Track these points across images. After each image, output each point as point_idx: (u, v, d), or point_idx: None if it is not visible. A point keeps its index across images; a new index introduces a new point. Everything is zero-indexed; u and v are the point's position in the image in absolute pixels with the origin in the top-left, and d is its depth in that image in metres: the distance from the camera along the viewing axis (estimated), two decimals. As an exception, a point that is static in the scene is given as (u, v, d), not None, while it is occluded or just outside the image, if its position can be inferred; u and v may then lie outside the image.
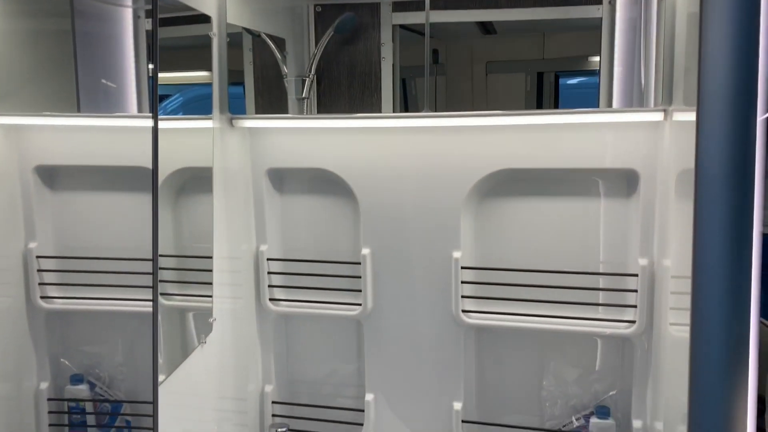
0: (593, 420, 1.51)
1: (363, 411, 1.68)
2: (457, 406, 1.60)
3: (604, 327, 1.49)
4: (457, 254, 1.55)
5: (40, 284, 1.40)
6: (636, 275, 1.44)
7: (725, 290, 0.88)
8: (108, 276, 1.44)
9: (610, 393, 1.52)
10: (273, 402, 1.75)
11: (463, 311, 1.57)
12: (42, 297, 1.41)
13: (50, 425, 1.52)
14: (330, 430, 1.72)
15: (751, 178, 0.87)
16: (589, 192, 1.51)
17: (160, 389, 1.27)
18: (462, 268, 1.56)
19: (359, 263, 1.63)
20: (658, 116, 1.37)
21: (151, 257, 1.27)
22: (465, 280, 1.57)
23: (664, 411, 1.35)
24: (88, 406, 1.58)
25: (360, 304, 1.64)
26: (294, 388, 1.78)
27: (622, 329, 1.47)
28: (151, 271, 1.28)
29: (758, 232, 0.88)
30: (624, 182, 1.48)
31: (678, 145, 1.24)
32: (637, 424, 1.46)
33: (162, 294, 1.32)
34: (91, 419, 1.58)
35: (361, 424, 1.68)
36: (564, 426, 1.54)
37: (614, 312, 1.49)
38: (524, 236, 1.56)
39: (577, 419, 1.53)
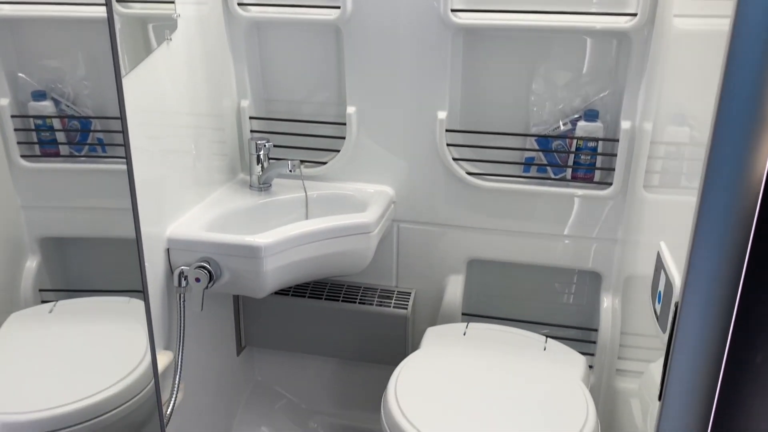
0: (580, 123, 1.49)
1: (344, 124, 1.63)
2: (442, 115, 1.56)
3: (602, 22, 1.40)
4: (447, -57, 1.39)
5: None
6: (645, -39, 1.31)
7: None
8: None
9: (601, 95, 1.48)
10: (250, 117, 1.68)
11: (452, 10, 1.45)
12: (-21, 0, 1.24)
13: (19, 143, 1.45)
14: (311, 144, 1.69)
15: None
16: None
17: (128, 107, 1.18)
18: (452, -40, 1.40)
19: (336, -41, 1.46)
20: None
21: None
22: (454, -25, 1.42)
23: (656, 111, 1.32)
24: (56, 124, 1.50)
25: (338, 7, 1.50)
26: (271, 105, 1.71)
27: (622, 23, 1.38)
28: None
29: None
30: None
31: None
32: (625, 125, 1.45)
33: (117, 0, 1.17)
34: (61, 137, 1.51)
35: (343, 138, 1.65)
36: (552, 130, 1.52)
37: (614, 4, 1.39)
38: None
39: (564, 124, 1.51)
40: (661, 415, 0.67)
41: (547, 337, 1.53)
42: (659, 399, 0.69)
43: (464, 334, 1.52)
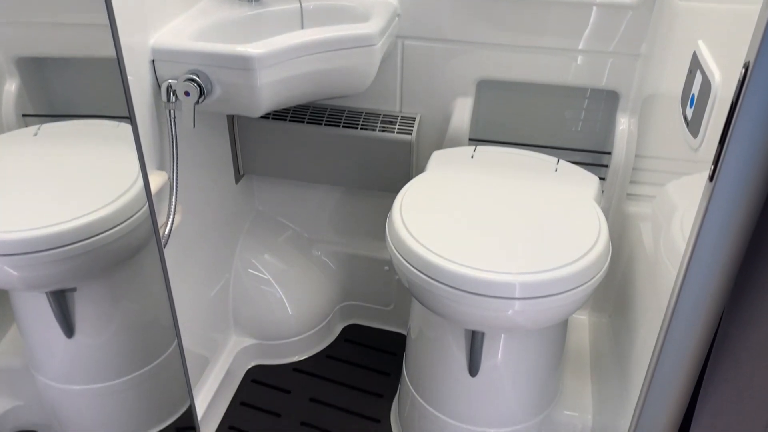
0: None
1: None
2: None
3: None
4: None
5: None
6: None
7: None
8: None
9: None
10: None
11: None
12: None
13: (-23, -54, 1.29)
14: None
15: None
16: None
17: None
18: None
19: None
20: None
21: None
22: None
23: None
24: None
25: None
26: None
27: None
28: None
29: None
30: None
31: None
32: None
33: None
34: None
35: (341, -59, 1.47)
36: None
37: None
38: None
39: None
40: (713, 194, 0.61)
41: (558, 158, 1.47)
42: (710, 179, 0.63)
43: (472, 157, 1.46)
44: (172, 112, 1.25)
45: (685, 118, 0.96)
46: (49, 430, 1.55)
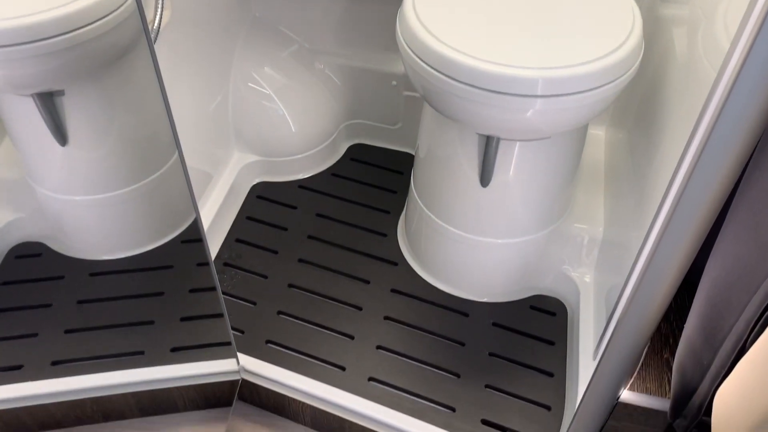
0: None
1: None
2: None
3: None
4: None
5: None
6: None
7: None
8: None
9: None
10: None
11: None
12: None
13: None
14: None
15: None
16: None
17: None
18: None
19: None
20: None
21: None
22: None
23: None
24: None
25: None
26: None
27: None
28: None
29: None
30: None
31: None
32: None
33: None
34: None
35: None
36: None
37: None
38: None
39: None
40: None
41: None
42: None
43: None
44: None
45: None
46: (54, 242, 1.54)
